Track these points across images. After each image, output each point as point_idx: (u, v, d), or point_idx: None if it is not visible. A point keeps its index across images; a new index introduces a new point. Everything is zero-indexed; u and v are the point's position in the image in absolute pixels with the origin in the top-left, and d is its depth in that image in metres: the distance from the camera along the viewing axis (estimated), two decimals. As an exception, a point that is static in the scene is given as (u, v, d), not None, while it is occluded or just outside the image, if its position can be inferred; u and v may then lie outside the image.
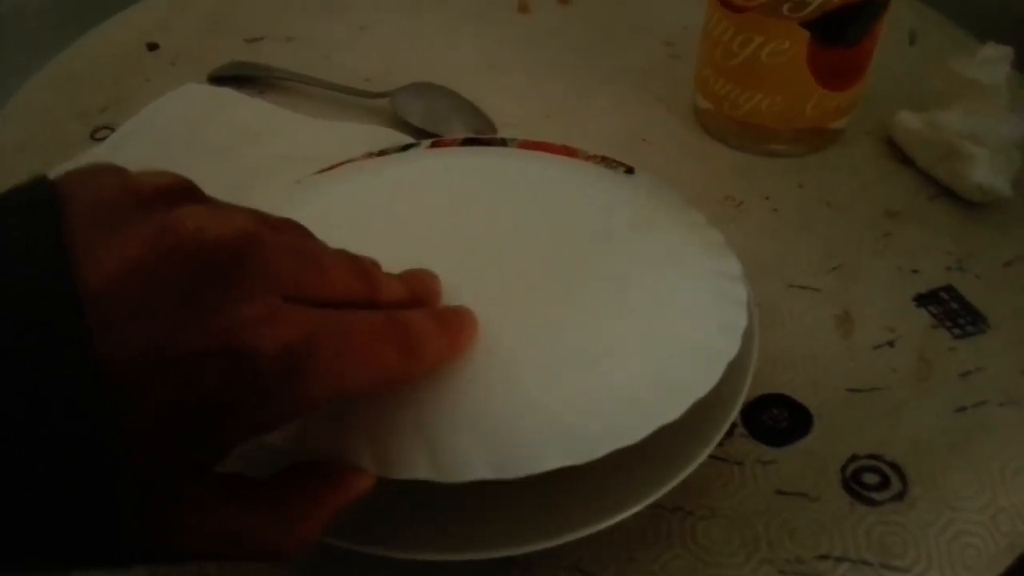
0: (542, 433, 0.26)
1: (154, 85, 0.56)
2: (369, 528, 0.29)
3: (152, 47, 0.60)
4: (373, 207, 0.34)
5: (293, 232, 0.24)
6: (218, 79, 0.56)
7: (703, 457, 0.31)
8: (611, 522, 0.29)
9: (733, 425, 0.36)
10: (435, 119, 0.52)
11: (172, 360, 0.19)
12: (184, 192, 0.22)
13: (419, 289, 0.28)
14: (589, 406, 0.27)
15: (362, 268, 0.26)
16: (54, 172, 0.21)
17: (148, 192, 0.21)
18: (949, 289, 0.42)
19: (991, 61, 0.48)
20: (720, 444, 0.31)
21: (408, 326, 0.25)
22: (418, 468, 0.26)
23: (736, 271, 0.33)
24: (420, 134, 0.51)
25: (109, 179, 0.21)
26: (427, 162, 0.38)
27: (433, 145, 0.42)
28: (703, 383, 0.28)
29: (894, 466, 0.35)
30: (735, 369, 0.33)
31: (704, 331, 0.30)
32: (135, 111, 0.52)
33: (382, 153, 0.41)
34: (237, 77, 0.56)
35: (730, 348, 0.30)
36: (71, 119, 0.53)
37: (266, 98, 0.54)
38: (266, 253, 0.21)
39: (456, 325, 0.28)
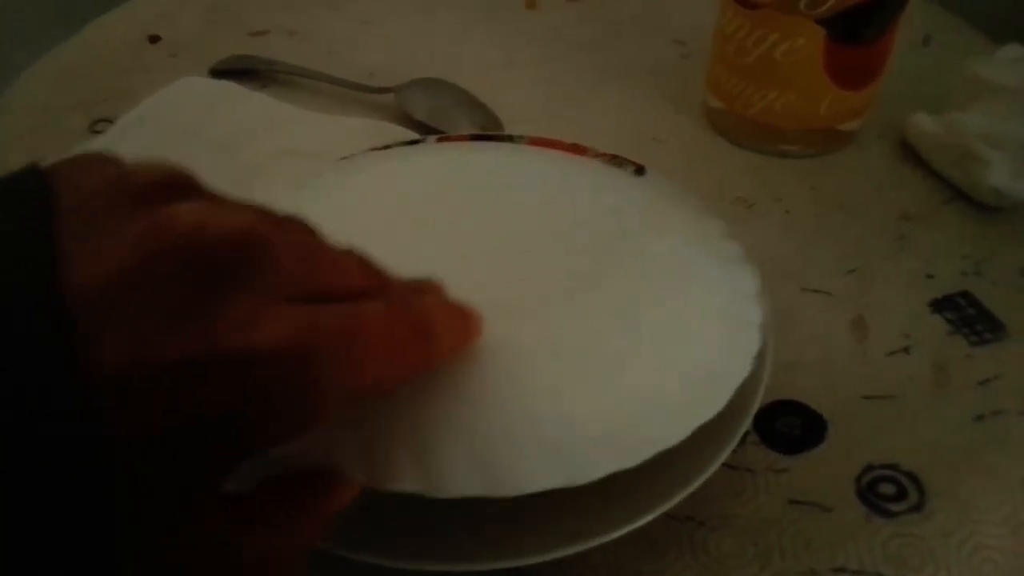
0: (538, 452, 0.25)
1: (155, 77, 0.55)
2: (373, 537, 0.28)
3: (154, 39, 0.59)
4: (380, 203, 0.33)
5: (298, 230, 0.23)
6: (220, 72, 0.55)
7: (715, 466, 0.30)
8: (620, 533, 0.28)
9: (745, 433, 0.35)
10: (440, 115, 0.51)
11: (159, 370, 0.18)
12: (181, 186, 0.21)
13: (426, 287, 0.27)
14: (588, 426, 0.26)
15: (371, 267, 0.25)
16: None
17: (142, 187, 0.20)
18: (966, 295, 0.41)
19: (1010, 63, 0.47)
20: (732, 452, 0.30)
21: (421, 310, 0.24)
22: (407, 480, 0.25)
23: (752, 289, 0.32)
24: (425, 130, 0.50)
25: (101, 172, 0.20)
26: (434, 157, 0.37)
27: (439, 141, 0.41)
28: (709, 407, 0.28)
29: (911, 476, 0.34)
30: (748, 376, 0.32)
31: (714, 353, 0.29)
32: (135, 104, 0.51)
33: (387, 148, 0.40)
34: (239, 71, 0.55)
35: (740, 371, 0.29)
36: (70, 111, 0.52)
37: (268, 92, 0.53)
38: (267, 253, 0.20)
39: (466, 311, 0.27)
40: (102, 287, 0.18)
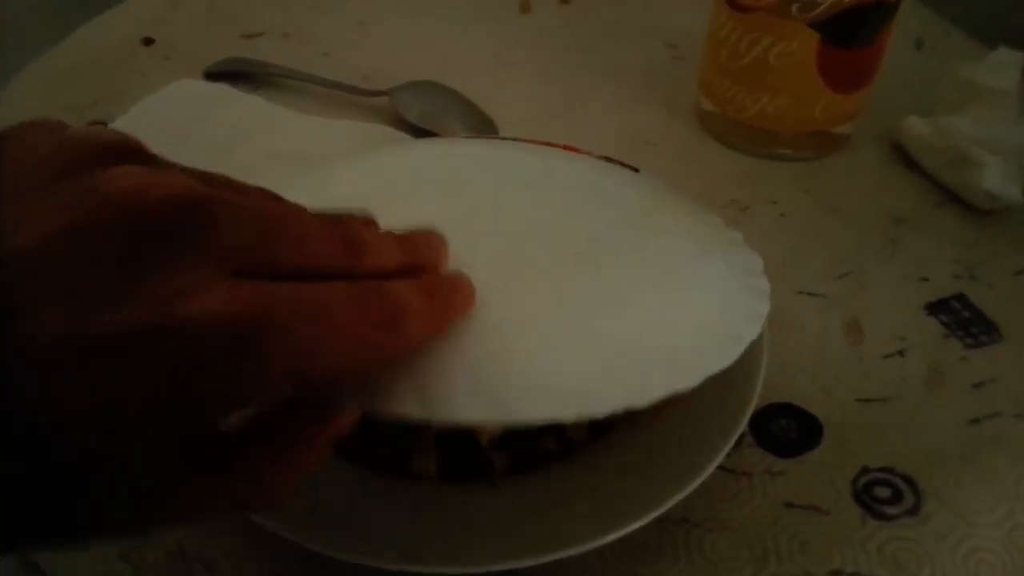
0: (546, 385, 0.25)
1: (149, 80, 0.54)
2: (368, 539, 0.28)
3: (148, 41, 0.59)
4: (378, 191, 0.33)
5: (256, 196, 0.21)
6: (214, 75, 0.55)
7: (711, 469, 0.30)
8: (616, 536, 0.28)
9: (741, 435, 0.35)
10: (434, 117, 0.51)
11: (94, 341, 0.17)
12: (124, 151, 0.19)
13: (422, 251, 0.26)
14: (598, 366, 0.26)
15: (344, 231, 0.23)
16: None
17: (84, 150, 0.19)
18: (960, 298, 0.42)
19: (1002, 66, 0.47)
20: (728, 454, 0.30)
21: (389, 298, 0.22)
22: (408, 405, 0.24)
23: (758, 266, 0.32)
24: (419, 132, 0.50)
25: (45, 136, 0.19)
26: (428, 149, 0.37)
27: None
28: (719, 360, 0.27)
29: (907, 479, 0.34)
30: (743, 378, 0.32)
31: (725, 314, 0.29)
32: (129, 106, 0.51)
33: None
34: (233, 73, 0.55)
35: (751, 332, 0.29)
36: (63, 113, 0.52)
37: (262, 95, 0.53)
38: (213, 218, 0.19)
39: (449, 293, 0.25)
40: (36, 253, 0.17)
